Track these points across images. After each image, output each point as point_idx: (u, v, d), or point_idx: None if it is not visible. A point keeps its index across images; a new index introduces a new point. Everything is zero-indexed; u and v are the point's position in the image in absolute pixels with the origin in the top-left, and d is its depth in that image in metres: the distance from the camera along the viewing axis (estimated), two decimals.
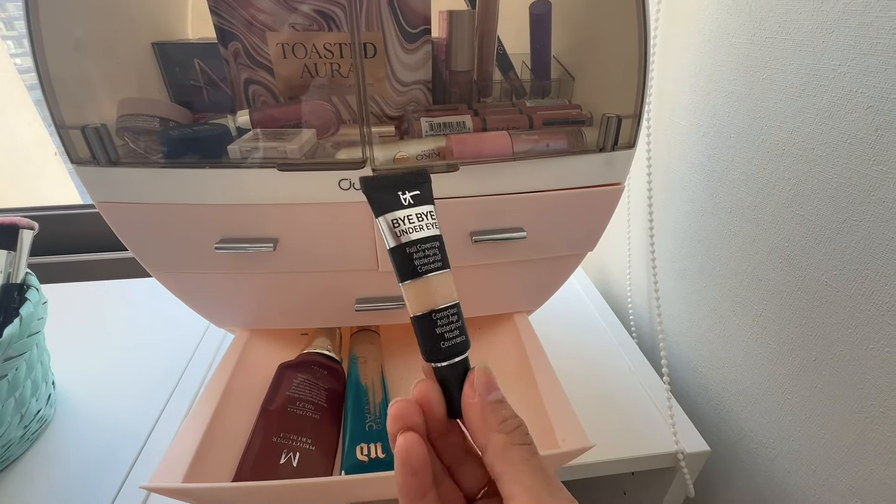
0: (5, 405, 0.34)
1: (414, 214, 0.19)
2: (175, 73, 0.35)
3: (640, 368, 0.47)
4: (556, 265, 0.39)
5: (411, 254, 0.19)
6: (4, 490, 0.35)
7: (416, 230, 0.19)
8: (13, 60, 1.43)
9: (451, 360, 0.19)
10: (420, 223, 0.19)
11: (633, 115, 0.32)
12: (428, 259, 0.19)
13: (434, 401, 0.19)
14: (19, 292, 0.38)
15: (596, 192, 0.34)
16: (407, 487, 0.17)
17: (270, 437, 0.32)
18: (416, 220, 0.19)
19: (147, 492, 0.35)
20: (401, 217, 0.19)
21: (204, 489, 0.26)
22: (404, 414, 0.18)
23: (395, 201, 0.19)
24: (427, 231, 0.19)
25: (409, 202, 0.19)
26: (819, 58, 0.30)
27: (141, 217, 0.31)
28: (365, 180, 0.20)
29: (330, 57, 0.34)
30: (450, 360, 0.19)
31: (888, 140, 0.27)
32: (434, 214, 0.20)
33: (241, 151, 0.31)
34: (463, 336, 0.19)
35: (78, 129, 0.29)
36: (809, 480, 0.34)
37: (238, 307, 0.38)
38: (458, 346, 0.19)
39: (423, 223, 0.19)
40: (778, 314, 0.36)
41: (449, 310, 0.19)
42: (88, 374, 0.46)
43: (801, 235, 0.33)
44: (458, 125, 0.34)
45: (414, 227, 0.19)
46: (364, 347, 0.42)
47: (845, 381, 0.31)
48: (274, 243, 0.32)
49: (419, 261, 0.19)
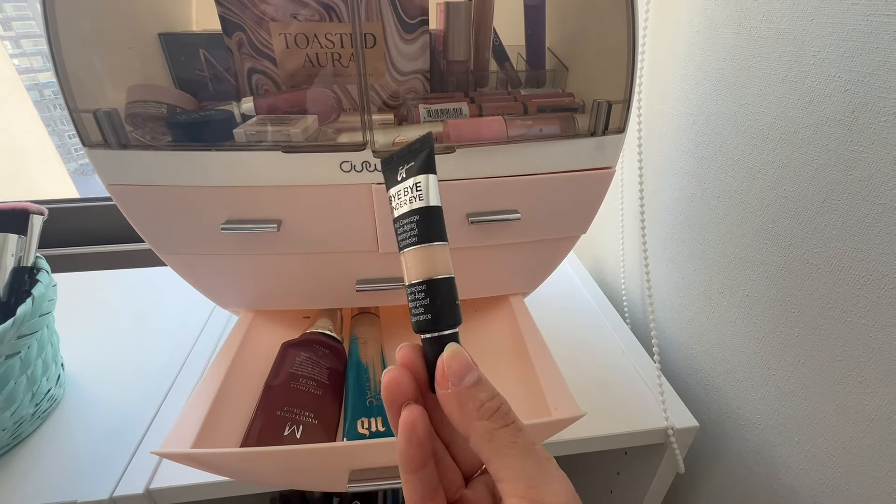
0: (18, 382, 0.36)
1: (402, 189, 0.19)
2: (181, 62, 0.36)
3: (633, 351, 0.48)
4: (549, 247, 0.40)
5: (396, 229, 0.20)
6: (17, 465, 0.37)
7: (400, 206, 0.19)
8: (12, 61, 1.44)
9: (423, 335, 0.19)
10: (405, 197, 0.19)
11: (622, 101, 0.34)
12: (405, 234, 0.19)
13: (416, 366, 0.19)
14: (30, 275, 0.40)
15: (587, 176, 0.35)
16: (409, 457, 0.18)
17: (274, 410, 0.34)
18: (403, 194, 0.19)
19: (155, 466, 0.36)
20: (393, 193, 0.20)
21: (212, 454, 0.28)
22: (396, 381, 0.18)
23: (394, 177, 0.20)
24: (406, 206, 0.19)
25: (403, 177, 0.20)
26: (800, 45, 0.31)
27: (150, 198, 0.33)
28: (383, 159, 0.21)
29: (331, 47, 0.35)
30: (422, 335, 0.19)
31: (863, 122, 0.28)
32: (420, 186, 0.19)
33: (247, 135, 0.32)
34: (428, 314, 0.18)
35: (90, 114, 0.30)
36: (793, 451, 0.36)
37: (243, 288, 0.40)
38: (423, 322, 0.18)
39: (408, 197, 0.19)
40: (764, 294, 0.37)
41: (417, 286, 0.19)
42: (96, 358, 0.47)
43: (784, 216, 0.34)
44: (455, 111, 0.36)
45: (400, 202, 0.19)
46: (364, 329, 0.43)
47: (825, 355, 0.32)
48: (277, 224, 0.33)
49: (399, 236, 0.19)
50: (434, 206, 0.19)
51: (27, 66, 1.06)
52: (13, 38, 1.09)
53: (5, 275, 0.39)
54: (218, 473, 0.30)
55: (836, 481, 0.33)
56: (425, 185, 0.19)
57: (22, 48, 1.13)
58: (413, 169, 0.19)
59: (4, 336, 0.32)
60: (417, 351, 0.19)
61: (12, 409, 0.36)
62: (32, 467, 0.37)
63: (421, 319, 0.19)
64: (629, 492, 0.47)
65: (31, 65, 1.20)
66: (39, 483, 0.35)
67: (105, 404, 0.42)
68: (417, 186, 0.19)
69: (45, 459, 0.37)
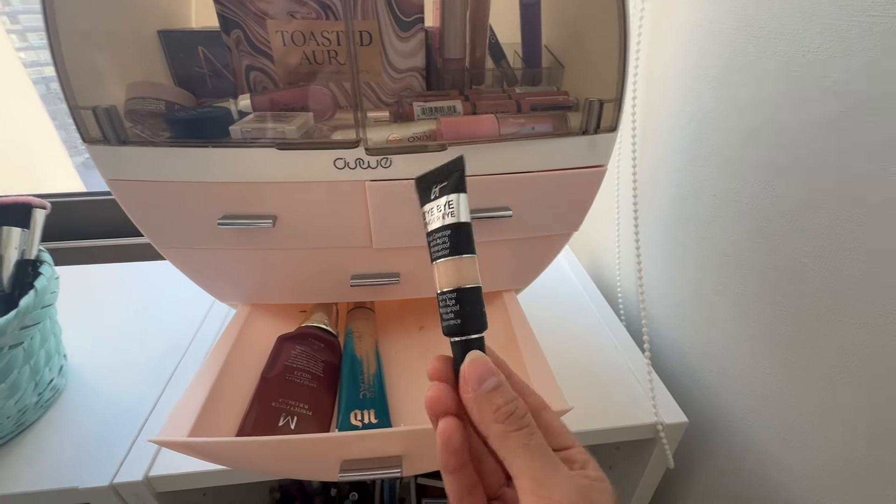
0: (21, 371, 0.37)
1: (435, 206, 0.21)
2: (180, 59, 0.36)
3: (626, 347, 0.48)
4: (542, 244, 0.40)
5: (429, 242, 0.21)
6: (21, 452, 0.38)
7: (433, 221, 0.21)
8: (18, 55, 1.45)
9: (452, 338, 0.21)
10: (437, 214, 0.21)
11: (614, 100, 0.34)
12: (438, 247, 0.21)
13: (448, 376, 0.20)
14: (33, 268, 0.41)
15: (579, 174, 0.36)
16: (446, 462, 0.20)
17: (270, 401, 0.34)
18: (437, 210, 0.21)
19: (154, 454, 0.37)
20: (426, 210, 0.22)
21: (208, 443, 0.28)
22: (436, 398, 0.20)
23: (427, 195, 0.22)
24: (439, 222, 0.21)
25: (436, 195, 0.21)
26: (795, 45, 0.31)
27: (149, 194, 0.33)
28: (417, 178, 0.22)
29: (327, 44, 0.35)
30: (451, 338, 0.21)
31: (850, 122, 0.28)
32: (452, 204, 0.21)
33: (243, 132, 0.33)
34: (458, 319, 0.20)
35: (89, 110, 0.31)
36: (780, 447, 0.36)
37: (240, 282, 0.40)
38: (452, 326, 0.20)
39: (440, 213, 0.21)
40: (756, 292, 0.37)
41: (448, 294, 0.20)
42: (97, 349, 0.48)
43: (777, 215, 0.34)
44: (449, 109, 0.36)
45: (433, 217, 0.21)
46: (359, 323, 0.44)
47: (813, 352, 0.33)
48: (273, 220, 0.34)
49: (432, 248, 0.21)
50: (464, 222, 0.21)
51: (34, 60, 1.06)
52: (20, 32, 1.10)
53: (9, 267, 0.40)
54: (213, 462, 0.31)
55: (823, 477, 0.33)
56: (457, 203, 0.21)
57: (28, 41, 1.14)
58: (447, 188, 0.21)
59: (8, 327, 0.33)
60: (446, 362, 0.21)
61: (16, 398, 0.37)
62: (35, 454, 0.38)
63: (451, 324, 0.20)
64: (620, 486, 0.48)
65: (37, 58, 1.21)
66: (42, 470, 0.36)
67: (106, 394, 0.43)
68: (450, 204, 0.21)
69: (48, 447, 0.38)
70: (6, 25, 1.41)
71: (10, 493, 0.35)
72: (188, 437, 0.29)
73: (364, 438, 0.29)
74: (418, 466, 0.32)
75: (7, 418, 0.37)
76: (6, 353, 0.35)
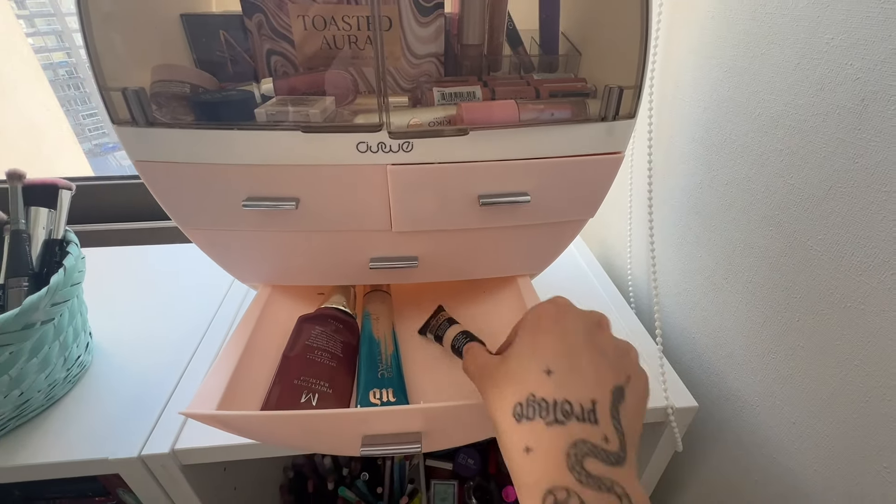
0: (52, 347, 0.38)
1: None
2: (202, 43, 0.37)
3: (637, 334, 0.49)
4: (557, 230, 0.41)
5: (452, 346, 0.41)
6: (51, 424, 0.39)
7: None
8: (28, 40, 1.45)
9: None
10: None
11: (633, 87, 0.34)
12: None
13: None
14: (60, 247, 0.42)
15: (597, 160, 0.36)
16: None
17: (292, 379, 0.36)
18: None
19: (179, 428, 0.38)
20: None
21: (237, 416, 0.29)
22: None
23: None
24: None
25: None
26: (814, 32, 0.32)
27: (175, 175, 0.34)
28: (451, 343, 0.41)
29: (348, 29, 0.36)
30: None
31: (873, 110, 0.28)
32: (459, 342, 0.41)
33: (267, 115, 0.33)
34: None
35: (119, 91, 0.32)
36: (789, 433, 0.37)
37: (262, 263, 0.41)
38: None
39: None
40: (767, 279, 0.38)
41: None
42: (121, 328, 0.50)
43: (791, 204, 0.35)
44: (469, 95, 0.36)
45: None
46: (376, 306, 0.45)
47: (825, 339, 0.33)
48: (296, 202, 0.35)
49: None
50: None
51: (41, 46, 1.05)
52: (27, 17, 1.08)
53: (37, 247, 0.41)
54: (240, 435, 0.32)
55: (830, 461, 0.34)
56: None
57: (36, 27, 1.12)
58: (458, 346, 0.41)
59: (40, 303, 0.34)
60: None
61: (47, 372, 0.38)
62: (65, 427, 0.39)
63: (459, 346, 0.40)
64: None
65: (45, 44, 1.19)
66: (72, 441, 0.38)
67: (130, 371, 0.45)
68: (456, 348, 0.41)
69: (77, 420, 0.40)
70: (14, 11, 1.41)
71: (43, 462, 0.36)
72: (216, 410, 0.30)
73: (386, 414, 0.30)
74: (437, 443, 0.33)
75: (38, 392, 0.38)
76: (38, 328, 0.36)
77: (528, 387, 0.22)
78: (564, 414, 0.21)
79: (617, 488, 0.19)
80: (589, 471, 0.19)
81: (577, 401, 0.21)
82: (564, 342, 0.24)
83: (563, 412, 0.21)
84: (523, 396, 0.21)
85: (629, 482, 0.20)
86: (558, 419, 0.20)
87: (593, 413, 0.21)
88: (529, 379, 0.22)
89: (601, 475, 0.19)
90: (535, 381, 0.22)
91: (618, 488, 0.19)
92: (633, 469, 0.21)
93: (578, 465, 0.19)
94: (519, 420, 0.21)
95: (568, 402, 0.21)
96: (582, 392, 0.21)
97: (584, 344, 0.24)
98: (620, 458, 0.20)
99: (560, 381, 0.22)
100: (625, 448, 0.21)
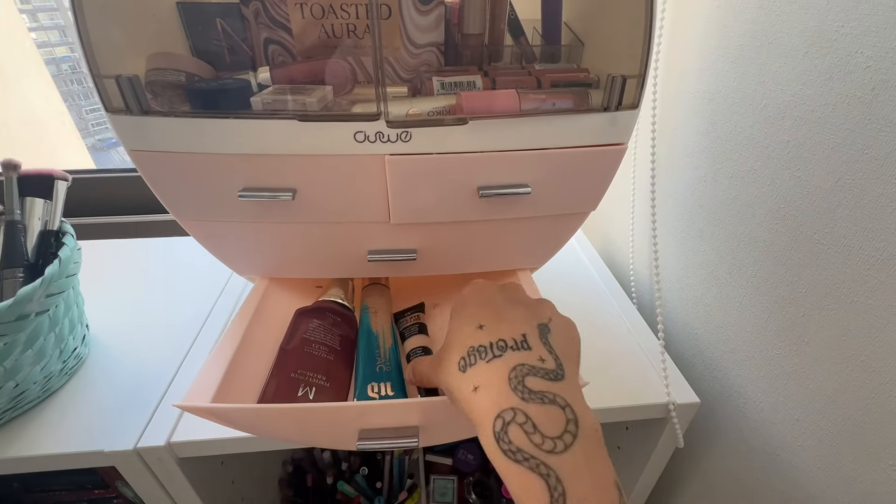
0: (47, 338, 0.38)
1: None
2: (198, 31, 0.36)
3: (639, 330, 0.48)
4: (559, 223, 0.40)
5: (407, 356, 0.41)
6: (47, 416, 0.39)
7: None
8: (31, 34, 1.45)
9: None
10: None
11: (637, 76, 0.33)
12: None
13: None
14: (56, 238, 0.41)
15: (599, 152, 0.35)
16: None
17: (289, 372, 0.35)
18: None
19: (176, 421, 0.38)
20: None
21: (232, 409, 0.29)
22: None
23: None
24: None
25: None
26: (823, 20, 0.31)
27: (170, 165, 0.34)
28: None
29: (346, 17, 0.35)
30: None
31: (884, 99, 0.28)
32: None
33: (264, 103, 0.33)
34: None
35: (112, 79, 0.31)
36: (792, 429, 0.36)
37: (258, 255, 0.41)
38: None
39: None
40: (771, 274, 0.37)
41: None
42: (118, 321, 0.49)
43: (796, 196, 0.34)
44: (469, 84, 0.36)
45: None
46: (375, 299, 0.44)
47: (831, 334, 0.33)
48: (293, 193, 0.34)
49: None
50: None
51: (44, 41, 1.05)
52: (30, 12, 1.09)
53: (33, 237, 0.40)
54: (236, 428, 0.32)
55: (834, 458, 0.33)
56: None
57: (39, 21, 1.13)
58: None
59: (34, 294, 0.34)
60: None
61: (42, 364, 0.38)
62: (61, 419, 0.39)
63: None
64: (629, 465, 0.48)
65: (48, 38, 1.20)
66: (68, 433, 0.38)
67: (127, 364, 0.44)
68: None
69: (73, 412, 0.39)
70: (17, 6, 1.41)
71: (38, 454, 0.36)
72: (211, 403, 0.30)
73: (383, 408, 0.30)
74: (435, 437, 0.33)
75: (34, 384, 0.38)
76: (33, 319, 0.35)
77: (465, 342, 0.25)
78: (500, 349, 0.24)
79: (559, 399, 0.21)
80: (530, 388, 0.22)
81: (510, 336, 0.24)
82: (489, 305, 0.27)
83: (498, 347, 0.24)
84: (464, 351, 0.24)
85: (570, 393, 0.22)
86: (496, 354, 0.23)
87: (525, 342, 0.24)
88: (465, 339, 0.25)
89: (543, 390, 0.22)
90: (470, 337, 0.25)
91: (560, 399, 0.21)
92: (575, 384, 0.23)
93: (520, 385, 0.22)
94: (464, 370, 0.24)
95: (502, 340, 0.24)
96: (512, 330, 0.24)
97: (505, 301, 0.27)
98: (559, 374, 0.23)
99: (490, 329, 0.25)
100: (561, 366, 0.23)
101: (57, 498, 0.52)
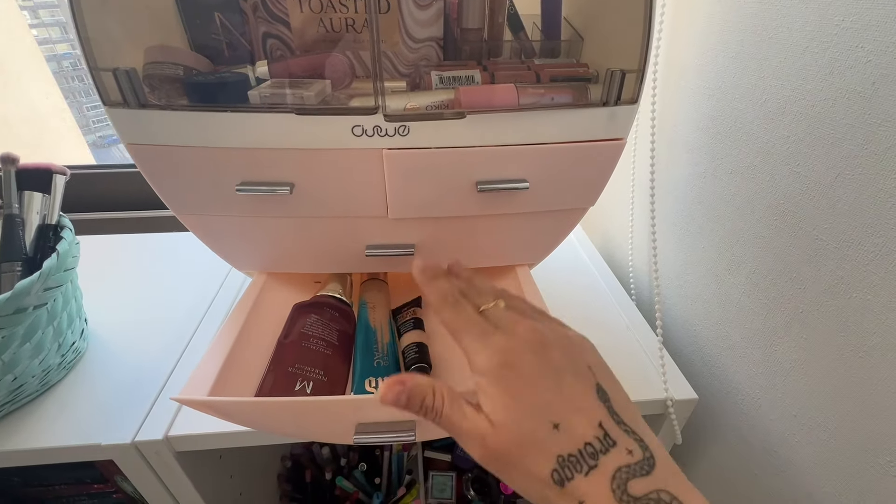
0: (45, 332, 0.38)
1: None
2: (196, 25, 0.36)
3: (637, 326, 0.48)
4: (557, 219, 0.40)
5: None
6: (45, 410, 0.39)
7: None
8: (31, 31, 1.45)
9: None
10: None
11: (636, 71, 0.33)
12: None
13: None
14: (54, 232, 0.41)
15: (598, 147, 0.35)
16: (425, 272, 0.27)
17: (286, 366, 0.35)
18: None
19: (174, 414, 0.38)
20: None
21: (228, 402, 0.29)
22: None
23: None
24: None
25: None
26: (824, 14, 0.31)
27: (168, 159, 0.34)
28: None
29: (344, 11, 0.35)
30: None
31: (884, 94, 0.28)
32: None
33: (261, 97, 0.33)
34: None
35: (110, 72, 0.31)
36: (790, 425, 0.36)
37: (256, 250, 0.41)
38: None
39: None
40: (770, 270, 0.37)
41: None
42: (117, 315, 0.49)
43: (796, 192, 0.34)
44: (468, 79, 0.35)
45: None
46: (373, 294, 0.44)
47: (829, 330, 0.33)
48: (290, 187, 0.34)
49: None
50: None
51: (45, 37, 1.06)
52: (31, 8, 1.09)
53: (31, 231, 0.40)
54: (233, 421, 0.32)
55: (832, 454, 0.33)
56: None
57: (40, 18, 1.13)
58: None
59: (32, 287, 0.34)
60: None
61: (40, 358, 0.38)
62: (59, 413, 0.39)
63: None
64: None
65: (49, 35, 1.21)
66: (66, 427, 0.38)
67: (126, 358, 0.44)
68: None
69: (71, 406, 0.39)
70: (18, 2, 1.41)
71: (36, 447, 0.36)
72: (208, 396, 0.30)
73: (379, 402, 0.30)
74: (431, 432, 0.33)
75: (32, 377, 0.38)
76: (31, 313, 0.35)
77: (550, 450, 0.21)
78: (592, 457, 0.21)
79: (664, 495, 0.19)
80: (635, 495, 0.20)
81: (593, 436, 0.21)
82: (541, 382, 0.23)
83: (590, 456, 0.21)
84: (553, 462, 0.21)
85: (671, 481, 0.20)
86: (591, 465, 0.21)
87: (608, 436, 0.21)
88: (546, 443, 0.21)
89: (646, 492, 0.20)
90: (552, 442, 0.21)
91: (664, 495, 0.19)
92: (666, 460, 0.21)
93: (625, 495, 0.20)
94: (562, 485, 0.21)
95: (589, 445, 0.21)
96: (587, 424, 0.21)
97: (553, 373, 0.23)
98: (651, 461, 0.20)
99: (568, 427, 0.21)
100: (646, 447, 0.21)
101: (56, 493, 0.52)
